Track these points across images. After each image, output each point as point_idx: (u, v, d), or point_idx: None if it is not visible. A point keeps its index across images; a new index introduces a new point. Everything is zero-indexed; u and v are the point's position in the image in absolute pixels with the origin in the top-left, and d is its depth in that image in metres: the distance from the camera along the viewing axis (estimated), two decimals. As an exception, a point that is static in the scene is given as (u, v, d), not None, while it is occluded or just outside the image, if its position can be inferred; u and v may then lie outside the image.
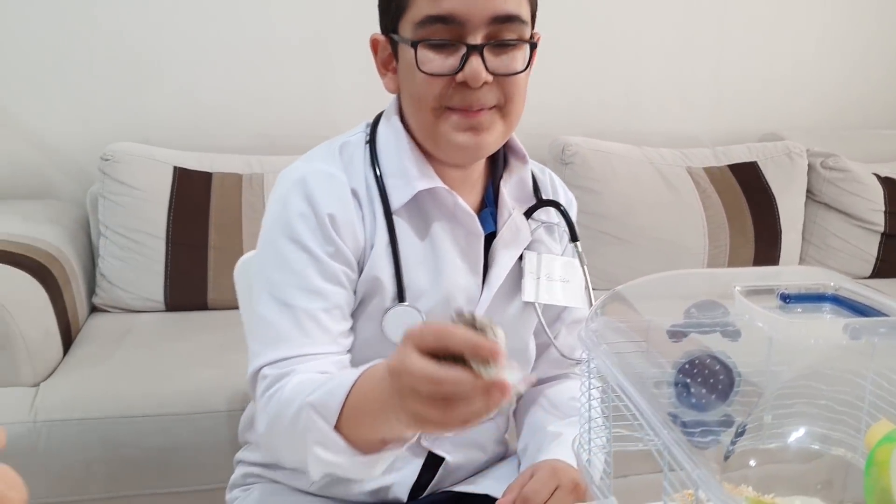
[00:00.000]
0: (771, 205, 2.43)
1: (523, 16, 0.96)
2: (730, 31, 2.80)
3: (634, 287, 0.94)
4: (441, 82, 0.95)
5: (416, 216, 1.04)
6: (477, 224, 1.04)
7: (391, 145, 1.04)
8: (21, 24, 2.29)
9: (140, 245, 2.06)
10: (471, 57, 0.93)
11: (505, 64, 0.96)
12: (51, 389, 1.63)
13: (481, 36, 0.94)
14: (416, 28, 0.95)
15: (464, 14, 0.93)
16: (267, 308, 0.98)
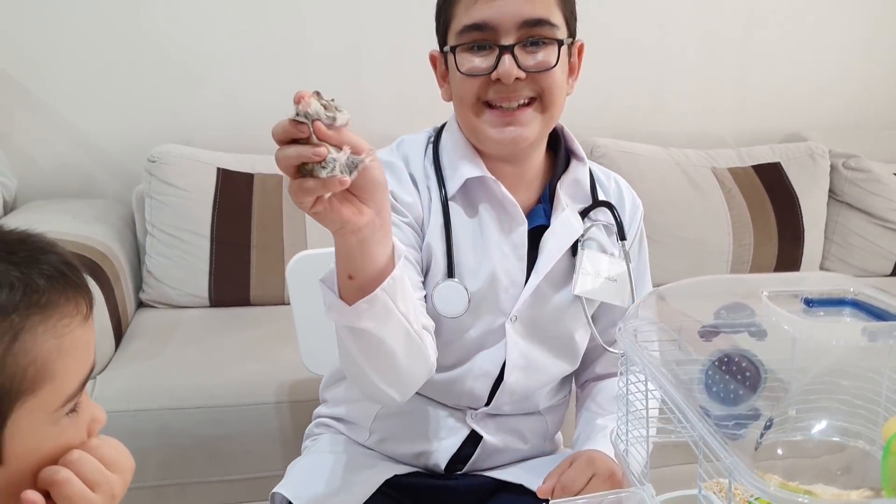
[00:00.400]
0: (794, 204, 2.48)
1: (553, 19, 1.06)
2: (754, 32, 2.85)
3: (672, 289, 1.01)
4: (478, 80, 1.06)
5: (467, 203, 1.14)
6: (519, 212, 1.13)
7: (450, 144, 1.16)
8: (70, 29, 2.37)
9: (186, 243, 2.14)
10: (503, 56, 1.03)
11: (537, 60, 1.05)
12: (107, 382, 1.71)
13: (513, 37, 1.04)
14: (457, 36, 1.06)
15: (495, 20, 1.03)
16: None
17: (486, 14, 1.03)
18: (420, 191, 1.14)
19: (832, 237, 2.58)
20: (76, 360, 0.68)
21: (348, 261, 0.89)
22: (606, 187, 1.24)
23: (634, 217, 1.25)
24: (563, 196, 1.17)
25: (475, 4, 1.04)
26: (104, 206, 2.37)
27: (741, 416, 1.03)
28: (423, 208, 1.13)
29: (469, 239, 1.14)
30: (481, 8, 1.03)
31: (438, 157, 1.16)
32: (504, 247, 1.14)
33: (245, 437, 1.68)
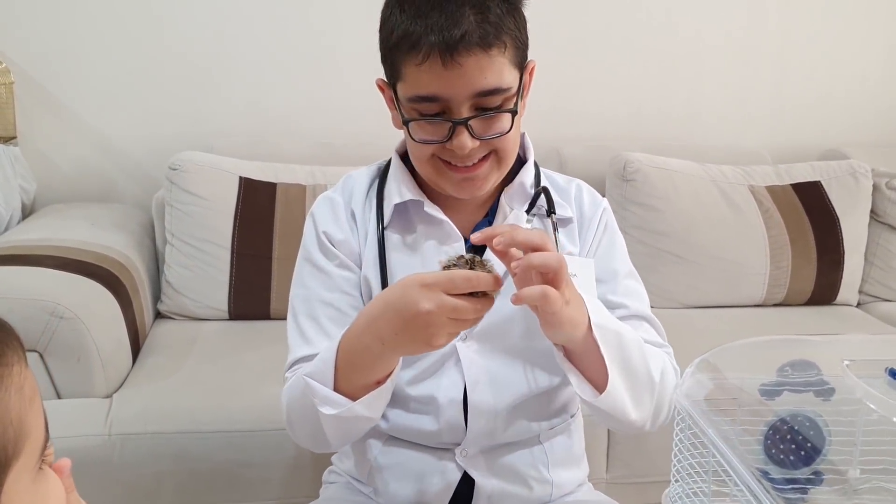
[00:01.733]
0: (834, 226, 2.39)
1: (505, 85, 1.01)
2: (792, 43, 2.77)
3: (723, 353, 0.94)
4: (432, 147, 1.05)
5: (405, 228, 1.16)
6: (454, 229, 1.12)
7: (391, 173, 1.18)
8: (93, 32, 2.34)
9: (205, 254, 2.09)
10: (456, 129, 1.01)
11: (491, 128, 1.03)
12: (124, 401, 1.66)
13: (466, 108, 1.01)
14: (407, 102, 1.03)
15: (446, 94, 0.99)
16: (288, 323, 1.16)
17: (436, 89, 0.99)
18: (358, 225, 1.16)
19: (873, 260, 2.49)
20: (37, 406, 0.63)
21: (377, 369, 0.99)
22: (564, 189, 1.21)
23: (595, 212, 1.20)
24: (505, 204, 1.15)
25: (424, 75, 0.99)
26: (124, 211, 2.34)
27: (802, 479, 0.96)
28: (358, 242, 1.15)
29: (406, 265, 1.13)
30: (431, 81, 0.99)
31: (383, 189, 1.17)
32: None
33: (265, 463, 1.62)
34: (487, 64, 0.98)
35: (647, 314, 1.19)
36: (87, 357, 1.65)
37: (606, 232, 1.20)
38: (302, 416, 1.06)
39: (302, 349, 1.12)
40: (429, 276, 0.90)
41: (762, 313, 2.34)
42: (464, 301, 0.89)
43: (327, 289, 1.13)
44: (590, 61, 2.64)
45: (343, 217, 1.16)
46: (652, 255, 2.30)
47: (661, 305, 2.32)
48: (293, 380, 1.09)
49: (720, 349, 0.92)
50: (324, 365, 1.01)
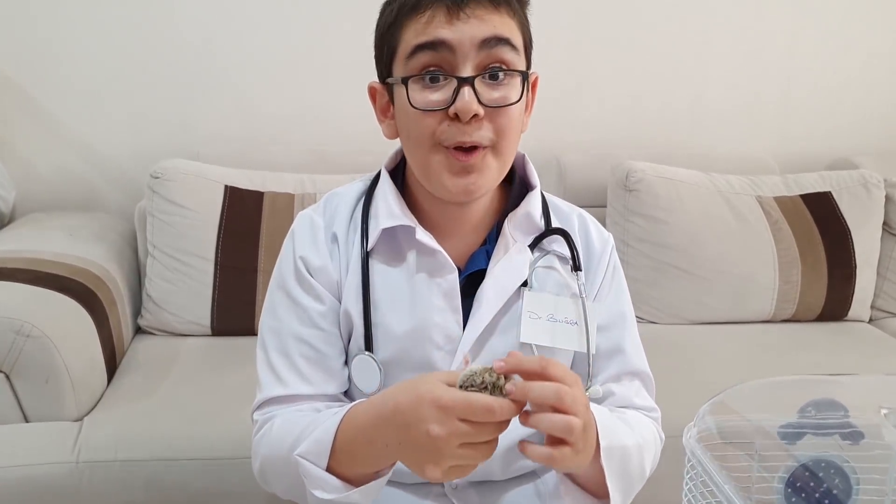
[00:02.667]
0: (846, 238, 2.30)
1: (514, 41, 0.94)
2: (800, 49, 2.68)
3: (740, 392, 0.84)
4: (434, 118, 0.94)
5: (392, 255, 1.05)
6: (447, 259, 1.02)
7: (379, 192, 1.07)
8: (76, 34, 2.26)
9: (188, 267, 2.00)
10: (462, 88, 0.92)
11: (498, 94, 0.94)
12: (94, 426, 1.56)
13: (472, 66, 0.92)
14: (406, 62, 0.94)
15: (452, 39, 0.92)
16: (257, 354, 1.06)
17: (441, 34, 0.92)
18: (340, 250, 1.05)
19: (885, 274, 2.39)
20: None
21: (378, 464, 0.92)
22: (567, 218, 1.13)
23: (604, 251, 1.11)
24: (509, 233, 1.06)
25: (427, 26, 0.92)
26: (106, 220, 2.25)
27: (826, 533, 0.87)
28: (339, 270, 1.05)
29: (392, 296, 1.04)
30: (436, 28, 0.92)
31: (369, 208, 1.07)
32: (435, 300, 1.03)
33: (245, 494, 1.52)
34: (497, 17, 0.93)
35: (644, 370, 1.11)
36: (57, 378, 1.55)
37: (616, 273, 1.13)
38: (281, 476, 1.00)
39: (274, 388, 1.03)
40: (446, 397, 0.81)
41: (771, 330, 2.25)
42: (479, 428, 0.81)
43: (301, 323, 1.04)
44: (591, 67, 2.55)
45: (322, 241, 1.06)
46: (656, 269, 2.21)
47: (665, 321, 2.23)
48: (273, 437, 1.00)
49: (736, 388, 0.82)
50: (318, 447, 0.93)
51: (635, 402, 1.09)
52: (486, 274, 1.04)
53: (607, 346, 1.09)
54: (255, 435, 1.04)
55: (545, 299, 1.04)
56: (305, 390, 1.03)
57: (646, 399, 1.11)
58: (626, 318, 1.12)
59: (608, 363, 1.09)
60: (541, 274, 1.07)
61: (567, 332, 1.04)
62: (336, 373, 1.05)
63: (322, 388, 1.04)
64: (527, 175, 1.10)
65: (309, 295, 1.04)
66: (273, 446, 0.99)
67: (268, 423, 1.02)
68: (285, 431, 0.98)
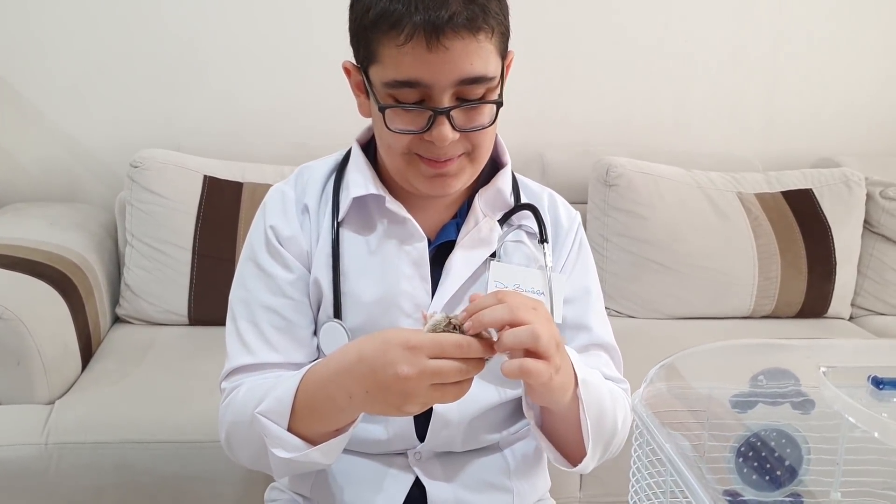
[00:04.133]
0: (826, 235, 2.30)
1: (490, 73, 0.94)
2: (783, 49, 2.67)
3: (688, 358, 0.84)
4: (409, 138, 0.96)
5: (363, 224, 1.07)
6: (417, 228, 1.04)
7: (351, 165, 1.08)
8: (58, 24, 2.25)
9: (166, 256, 1.99)
10: (437, 118, 0.93)
11: (472, 120, 0.96)
12: (65, 409, 1.56)
13: (448, 97, 0.93)
14: (383, 86, 0.94)
15: (429, 80, 0.91)
16: (227, 325, 1.07)
17: (418, 73, 0.91)
18: (311, 220, 1.07)
19: (866, 272, 2.39)
20: None
21: (338, 420, 0.92)
22: (537, 197, 1.14)
23: (571, 227, 1.14)
24: (480, 207, 1.08)
25: (405, 58, 0.90)
26: (87, 211, 2.24)
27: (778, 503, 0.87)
28: (309, 240, 1.06)
29: (362, 264, 1.05)
30: (413, 65, 0.90)
31: (341, 181, 1.08)
32: (405, 267, 1.05)
33: (214, 478, 1.52)
34: (475, 49, 0.91)
35: (611, 343, 1.13)
36: (28, 361, 1.55)
37: (582, 249, 1.14)
38: (246, 442, 1.00)
39: (242, 357, 1.04)
40: (414, 337, 0.82)
41: (750, 326, 2.24)
42: (450, 363, 0.81)
43: (270, 292, 1.05)
44: (576, 66, 2.55)
45: (293, 211, 1.07)
46: (635, 264, 2.21)
47: (644, 316, 2.23)
48: (238, 402, 1.00)
49: (686, 353, 0.83)
50: (279, 405, 0.93)
51: (604, 371, 1.09)
52: (455, 244, 1.06)
53: (572, 319, 1.10)
54: (221, 403, 1.04)
55: (512, 270, 1.06)
56: (273, 358, 1.03)
57: (613, 371, 1.12)
58: (591, 293, 1.13)
59: (574, 336, 1.10)
60: (509, 247, 1.08)
61: None
62: (304, 341, 1.06)
63: (290, 357, 1.04)
64: (498, 154, 1.12)
65: (278, 264, 1.05)
66: (238, 412, 1.00)
67: (234, 391, 1.03)
68: (250, 396, 0.99)
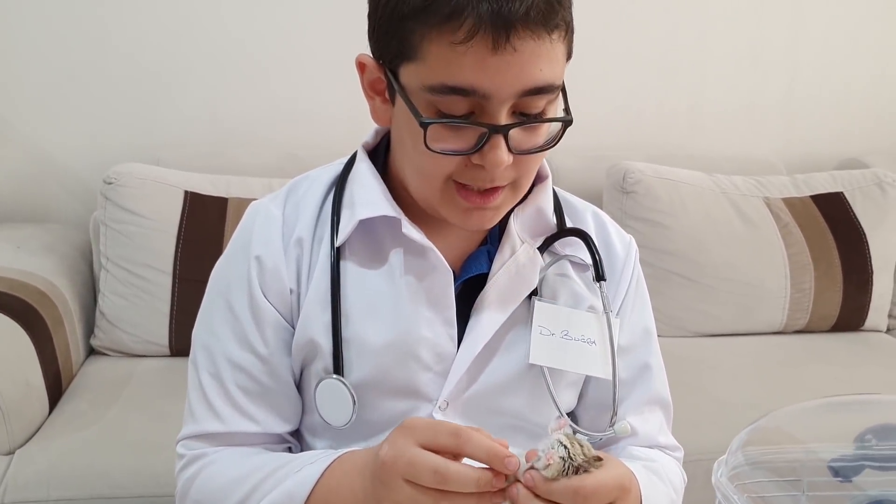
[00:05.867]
0: (861, 242, 2.15)
1: (557, 82, 0.77)
2: (804, 43, 2.56)
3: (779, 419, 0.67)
4: (452, 162, 0.77)
5: (370, 254, 0.87)
6: (441, 260, 0.85)
7: (355, 180, 0.88)
8: (28, 30, 2.12)
9: (144, 281, 1.83)
10: (493, 138, 0.75)
11: (530, 140, 0.78)
12: (26, 459, 1.40)
13: (506, 112, 0.75)
14: (425, 91, 0.75)
15: (489, 88, 0.73)
16: (189, 373, 0.89)
17: (476, 80, 0.73)
18: (304, 255, 0.87)
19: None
20: None
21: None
22: (580, 217, 0.96)
23: (628, 257, 0.95)
24: (516, 231, 0.88)
25: (463, 59, 0.72)
26: (59, 232, 2.09)
27: None
28: (297, 277, 0.87)
29: (368, 303, 0.85)
30: (471, 69, 0.72)
31: (341, 199, 0.88)
32: (424, 309, 0.85)
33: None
34: (546, 51, 0.74)
35: (667, 398, 0.96)
36: (-16, 406, 1.38)
37: (639, 284, 0.97)
38: None
39: (209, 423, 0.86)
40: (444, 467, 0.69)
41: (783, 342, 2.10)
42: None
43: (240, 346, 0.86)
44: (585, 65, 2.38)
45: (278, 238, 0.87)
46: (657, 278, 2.05)
47: (668, 334, 2.06)
48: (210, 485, 0.84)
49: (774, 414, 0.65)
50: (291, 501, 0.78)
51: (659, 440, 0.93)
52: (488, 279, 0.87)
53: (631, 369, 0.93)
54: (180, 471, 0.87)
55: (559, 312, 0.88)
56: (248, 428, 0.86)
57: (668, 436, 0.96)
58: (651, 336, 0.96)
59: (632, 389, 0.93)
60: (552, 282, 0.90)
61: (584, 352, 0.88)
62: (283, 409, 0.88)
63: (268, 427, 0.87)
64: None
65: (251, 312, 0.86)
66: (212, 494, 0.84)
67: (199, 462, 0.86)
68: (229, 479, 0.83)
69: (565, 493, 0.67)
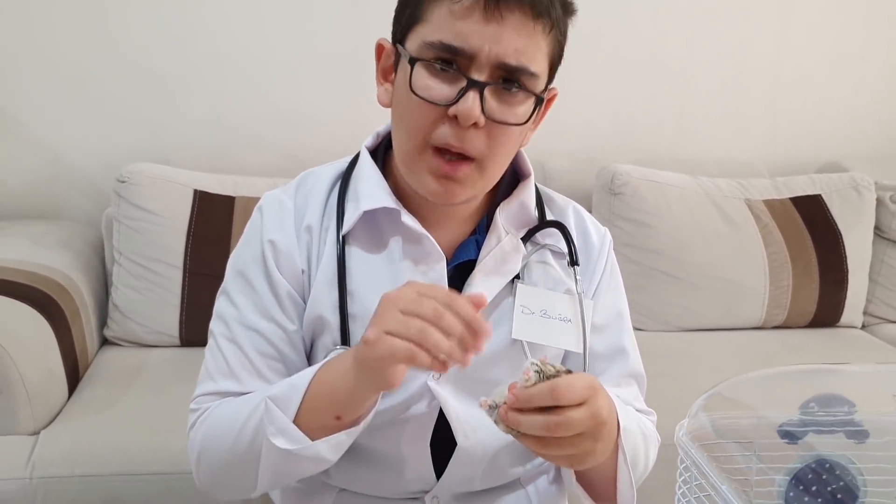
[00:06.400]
0: (837, 242, 2.24)
1: (536, 70, 0.88)
2: (788, 51, 2.63)
3: (736, 387, 0.77)
4: (431, 114, 0.87)
5: (373, 239, 0.97)
6: (436, 247, 0.95)
7: (359, 173, 0.99)
8: (42, 36, 2.18)
9: (156, 275, 1.91)
10: (469, 92, 0.85)
11: (502, 111, 0.88)
12: (51, 439, 1.48)
13: (487, 73, 0.86)
14: (421, 46, 0.87)
15: (475, 47, 0.85)
16: (209, 341, 0.98)
17: (464, 40, 0.85)
18: (313, 238, 0.96)
19: (877, 279, 2.33)
20: None
21: (348, 405, 0.85)
22: (562, 211, 1.06)
23: (603, 247, 1.06)
24: (501, 223, 0.99)
25: (458, 22, 0.85)
26: (72, 228, 2.16)
27: (832, 540, 0.79)
28: (307, 260, 0.96)
29: (371, 284, 0.95)
30: (463, 30, 0.85)
31: (345, 192, 0.98)
32: None
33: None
34: (527, 34, 0.86)
35: (641, 372, 1.07)
36: (11, 389, 1.47)
37: (613, 271, 1.07)
38: (229, 453, 0.90)
39: (226, 382, 0.95)
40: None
41: (762, 336, 2.19)
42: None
43: (258, 314, 0.95)
44: (575, 71, 2.46)
45: (291, 225, 0.97)
46: (643, 275, 2.14)
47: (653, 328, 2.16)
48: (223, 412, 0.92)
49: (732, 382, 0.75)
50: (292, 391, 0.86)
51: (635, 405, 1.04)
52: (476, 264, 0.97)
53: (607, 346, 1.03)
54: (190, 427, 0.96)
55: (539, 294, 0.98)
56: (262, 388, 0.94)
57: (642, 403, 1.06)
58: (624, 318, 1.06)
59: (610, 365, 1.03)
60: (534, 268, 1.00)
61: (561, 329, 0.98)
62: (295, 373, 0.96)
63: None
64: (520, 164, 1.03)
65: (270, 285, 0.95)
66: (216, 422, 0.92)
67: (206, 412, 0.94)
68: (235, 406, 0.91)
69: (542, 393, 0.76)
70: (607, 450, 0.84)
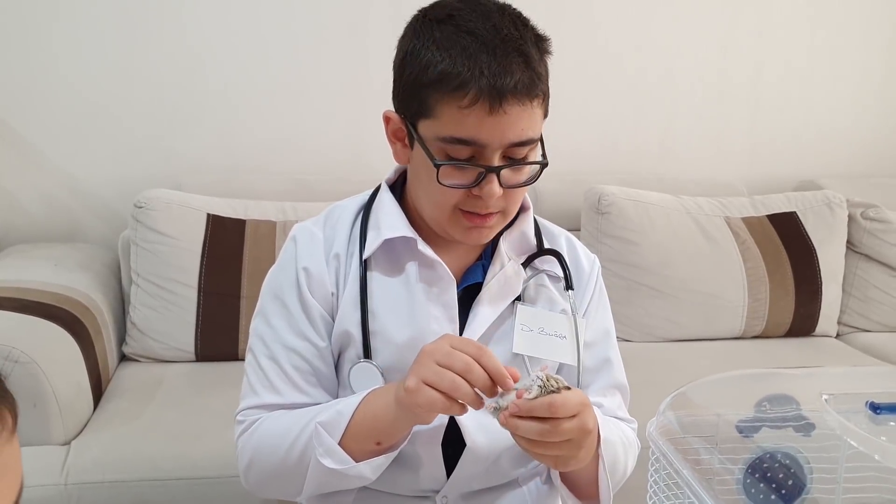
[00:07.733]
0: (811, 256, 2.38)
1: (536, 136, 1.00)
2: (766, 76, 2.77)
3: (699, 388, 0.90)
4: (457, 195, 1.00)
5: (391, 264, 1.09)
6: (447, 271, 1.07)
7: (379, 207, 1.11)
8: (59, 67, 2.30)
9: (172, 294, 2.03)
10: (488, 176, 0.98)
11: (516, 178, 1.01)
12: (82, 448, 1.60)
13: (498, 157, 0.98)
14: (438, 141, 0.98)
15: (486, 140, 0.96)
16: (248, 358, 1.10)
17: (476, 134, 0.96)
18: (341, 265, 1.09)
19: (850, 291, 2.47)
20: (5, 484, 0.56)
21: (388, 434, 0.98)
22: (555, 240, 1.19)
23: (592, 272, 1.18)
24: (504, 250, 1.11)
25: (467, 119, 0.95)
26: (89, 251, 2.27)
27: (783, 521, 0.92)
28: (336, 283, 1.08)
29: (391, 305, 1.08)
30: (473, 126, 0.95)
31: (367, 222, 1.11)
32: (433, 309, 1.08)
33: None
34: (528, 114, 0.97)
35: (625, 383, 1.19)
36: (44, 403, 1.58)
37: (601, 293, 1.19)
38: (279, 465, 1.03)
39: (268, 395, 1.07)
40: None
41: (741, 346, 2.31)
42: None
43: (294, 334, 1.07)
44: (563, 97, 2.58)
45: (321, 253, 1.09)
46: (628, 289, 2.27)
47: (637, 339, 2.28)
48: (271, 427, 1.04)
49: (695, 383, 0.88)
50: (339, 417, 0.99)
51: (618, 414, 1.16)
52: (483, 287, 1.09)
53: (595, 360, 1.15)
54: (239, 435, 1.07)
55: (537, 313, 1.10)
56: (301, 399, 1.06)
57: (625, 412, 1.19)
58: (610, 335, 1.19)
59: (596, 376, 1.15)
60: (533, 290, 1.13)
61: (557, 345, 1.09)
62: (329, 388, 1.09)
63: (318, 400, 1.07)
64: None
65: (304, 308, 1.07)
66: (270, 437, 1.03)
67: (256, 423, 1.05)
68: (285, 423, 1.03)
69: (542, 406, 0.88)
70: (588, 456, 0.97)
